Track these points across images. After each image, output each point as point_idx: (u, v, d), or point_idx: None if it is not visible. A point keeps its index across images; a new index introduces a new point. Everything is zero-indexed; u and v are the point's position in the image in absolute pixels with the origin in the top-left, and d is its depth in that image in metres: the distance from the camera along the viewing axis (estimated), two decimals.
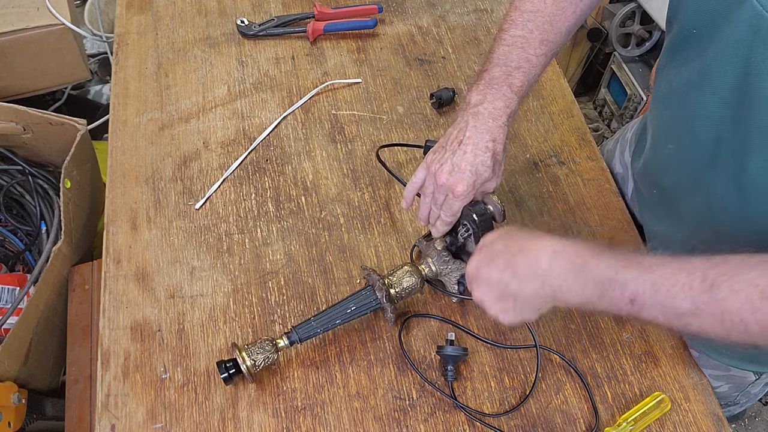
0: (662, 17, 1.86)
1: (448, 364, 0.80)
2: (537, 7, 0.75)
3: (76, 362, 1.07)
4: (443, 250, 0.82)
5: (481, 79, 0.75)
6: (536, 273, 0.61)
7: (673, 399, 0.80)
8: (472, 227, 0.77)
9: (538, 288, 0.62)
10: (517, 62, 0.74)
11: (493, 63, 0.75)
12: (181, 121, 1.06)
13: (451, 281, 0.83)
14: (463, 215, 0.77)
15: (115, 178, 1.00)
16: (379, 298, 0.80)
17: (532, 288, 0.62)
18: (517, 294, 0.63)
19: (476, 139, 0.71)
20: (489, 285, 0.65)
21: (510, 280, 0.63)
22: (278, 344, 0.78)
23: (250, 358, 0.76)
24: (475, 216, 0.75)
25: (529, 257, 0.62)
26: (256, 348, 0.77)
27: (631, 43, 2.05)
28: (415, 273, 0.82)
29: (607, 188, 0.99)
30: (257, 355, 0.77)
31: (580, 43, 2.18)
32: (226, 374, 0.76)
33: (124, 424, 0.78)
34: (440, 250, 0.82)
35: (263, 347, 0.77)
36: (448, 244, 0.82)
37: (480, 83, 0.74)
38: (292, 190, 0.99)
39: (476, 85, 0.75)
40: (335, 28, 1.17)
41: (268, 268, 0.90)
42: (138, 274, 0.90)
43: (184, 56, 1.15)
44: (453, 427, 0.78)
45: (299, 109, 1.08)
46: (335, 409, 0.79)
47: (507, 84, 0.73)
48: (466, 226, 0.78)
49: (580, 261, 0.60)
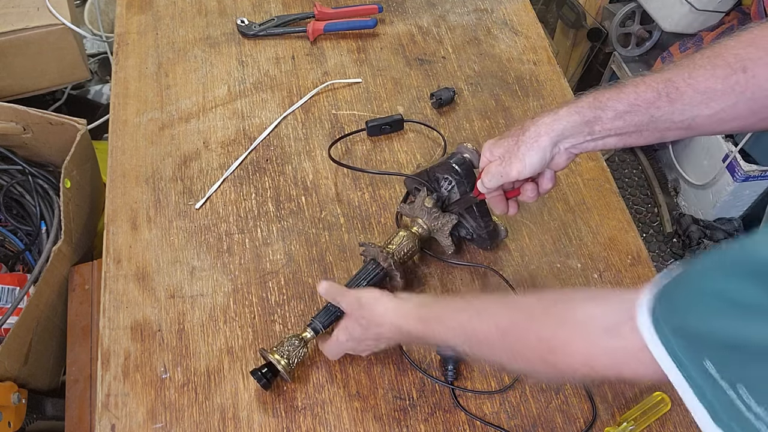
0: (662, 17, 1.87)
1: (449, 364, 0.80)
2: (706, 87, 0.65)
3: (76, 362, 1.07)
4: (433, 207, 0.85)
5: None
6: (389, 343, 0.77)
7: (673, 399, 0.80)
8: (454, 178, 0.83)
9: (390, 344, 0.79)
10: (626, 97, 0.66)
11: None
12: (181, 120, 1.06)
13: (444, 234, 0.86)
14: (444, 169, 0.83)
15: (115, 178, 1.00)
16: (385, 267, 0.82)
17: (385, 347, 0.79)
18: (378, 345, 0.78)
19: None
20: (357, 351, 0.79)
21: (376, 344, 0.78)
22: (305, 337, 0.79)
23: (284, 357, 0.77)
24: (456, 166, 0.81)
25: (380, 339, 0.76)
26: (285, 347, 0.78)
27: (631, 43, 2.05)
28: (410, 237, 0.86)
29: (607, 188, 0.99)
30: (290, 353, 0.78)
31: (580, 43, 2.18)
32: (265, 380, 0.77)
33: (124, 424, 0.78)
34: (430, 207, 0.85)
35: (292, 344, 0.78)
36: (436, 201, 0.85)
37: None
38: (292, 189, 0.99)
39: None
40: (335, 27, 1.17)
41: (269, 268, 0.90)
42: (138, 274, 0.90)
43: (185, 56, 1.15)
44: (453, 427, 0.78)
45: (299, 109, 1.08)
46: (335, 409, 0.79)
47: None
48: (448, 179, 0.84)
49: (415, 332, 0.70)
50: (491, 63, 1.15)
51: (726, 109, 0.63)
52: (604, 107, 0.66)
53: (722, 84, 0.62)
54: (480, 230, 0.86)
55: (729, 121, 0.65)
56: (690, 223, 1.89)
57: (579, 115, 0.67)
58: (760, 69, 0.61)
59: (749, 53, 0.62)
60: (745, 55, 0.62)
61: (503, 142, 0.71)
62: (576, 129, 0.67)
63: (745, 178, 1.69)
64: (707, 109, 0.64)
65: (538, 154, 0.68)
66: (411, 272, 0.90)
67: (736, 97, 0.62)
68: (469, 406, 0.80)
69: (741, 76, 0.62)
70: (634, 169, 2.16)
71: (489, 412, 0.80)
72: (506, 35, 1.20)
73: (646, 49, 2.05)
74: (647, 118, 0.65)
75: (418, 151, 1.03)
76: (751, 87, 0.62)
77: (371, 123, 1.03)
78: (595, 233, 0.94)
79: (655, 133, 0.67)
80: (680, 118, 0.65)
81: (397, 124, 1.04)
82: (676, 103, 0.64)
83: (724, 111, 0.64)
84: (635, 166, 2.16)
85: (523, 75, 1.14)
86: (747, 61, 0.61)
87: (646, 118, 0.65)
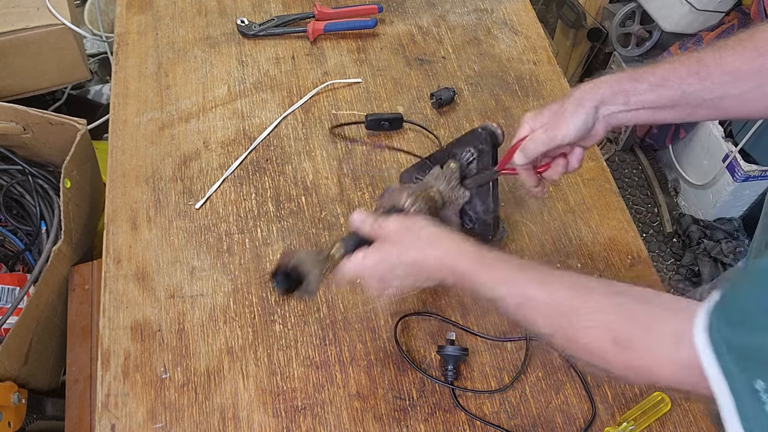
0: (662, 17, 1.87)
1: (449, 364, 0.80)
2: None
3: (76, 362, 1.07)
4: (455, 173, 0.82)
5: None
6: (418, 281, 0.70)
7: (673, 399, 0.80)
8: (479, 148, 0.81)
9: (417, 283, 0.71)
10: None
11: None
12: (181, 120, 1.06)
13: (456, 208, 0.84)
14: (466, 142, 0.82)
15: (115, 177, 1.00)
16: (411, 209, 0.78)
17: (411, 285, 0.71)
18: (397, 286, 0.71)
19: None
20: (379, 280, 0.71)
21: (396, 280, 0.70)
22: (333, 254, 0.71)
23: (315, 267, 0.69)
24: (483, 132, 0.80)
25: (413, 271, 0.69)
26: (314, 258, 0.70)
27: (631, 43, 2.05)
28: (428, 199, 0.81)
29: (607, 188, 0.99)
30: (317, 264, 0.70)
31: (580, 43, 2.18)
32: (286, 286, 0.68)
33: (124, 424, 0.78)
34: (454, 170, 0.82)
35: (320, 255, 0.71)
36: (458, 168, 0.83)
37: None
38: (292, 189, 0.99)
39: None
40: (335, 27, 1.17)
41: (269, 268, 0.90)
42: (138, 274, 0.90)
43: (184, 56, 1.15)
44: (453, 427, 0.78)
45: (299, 109, 1.08)
46: (335, 409, 0.79)
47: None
48: (470, 150, 0.82)
49: (469, 276, 0.66)
50: (491, 63, 1.15)
51: (753, 90, 0.66)
52: (640, 79, 0.68)
53: (749, 65, 0.65)
54: (487, 215, 0.84)
55: (755, 101, 0.67)
56: (690, 223, 1.90)
57: (618, 84, 0.69)
58: None
59: None
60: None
61: (545, 110, 0.73)
62: (614, 97, 0.69)
63: (745, 178, 1.69)
64: (734, 89, 0.66)
65: (582, 116, 0.70)
66: None
67: (761, 78, 0.65)
68: (469, 406, 0.80)
69: (767, 59, 0.64)
70: (634, 169, 2.16)
71: (489, 412, 0.80)
72: (506, 35, 1.20)
73: (646, 49, 2.05)
74: (679, 93, 0.68)
75: (418, 152, 1.03)
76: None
77: (371, 117, 1.03)
78: (595, 233, 0.95)
79: (687, 109, 0.69)
80: (710, 96, 0.67)
81: (397, 123, 1.04)
82: (706, 81, 0.67)
83: (750, 92, 0.66)
84: (635, 166, 2.16)
85: (523, 75, 1.14)
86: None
87: (678, 93, 0.68)
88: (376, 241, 0.71)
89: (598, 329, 0.55)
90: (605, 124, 0.72)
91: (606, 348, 0.55)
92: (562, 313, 0.58)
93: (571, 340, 0.58)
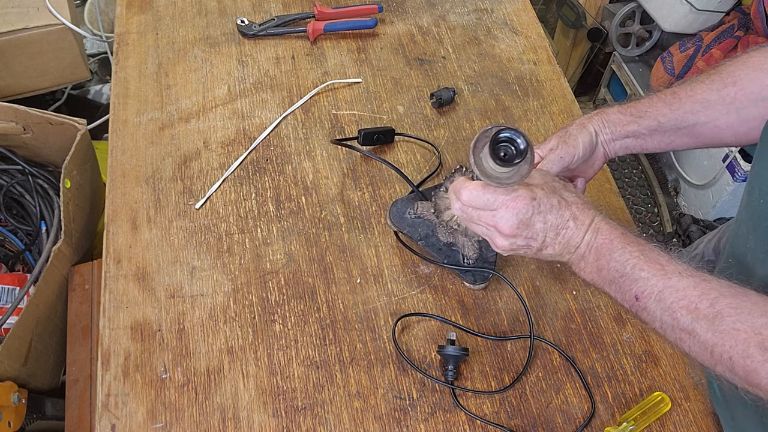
0: (662, 17, 1.87)
1: (449, 364, 0.80)
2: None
3: (76, 362, 1.07)
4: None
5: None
6: (569, 246, 0.67)
7: (674, 399, 0.80)
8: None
9: (563, 255, 0.68)
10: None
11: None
12: (181, 120, 1.06)
13: (470, 240, 0.85)
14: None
15: (115, 177, 1.00)
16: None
17: (557, 252, 0.68)
18: (540, 249, 0.68)
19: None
20: (524, 227, 0.66)
21: (544, 239, 0.67)
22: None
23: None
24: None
25: (569, 229, 0.66)
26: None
27: (631, 43, 2.05)
28: None
29: (607, 188, 0.99)
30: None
31: (580, 43, 2.18)
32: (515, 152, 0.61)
33: (124, 424, 0.78)
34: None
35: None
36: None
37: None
38: (292, 189, 0.99)
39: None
40: (335, 27, 1.17)
41: (269, 268, 0.90)
42: (138, 273, 0.90)
43: (185, 56, 1.15)
44: (453, 427, 0.78)
45: (299, 109, 1.08)
46: (335, 409, 0.79)
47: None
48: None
49: (607, 245, 0.65)
50: (491, 63, 1.15)
51: (720, 118, 0.75)
52: (624, 112, 0.79)
53: (716, 95, 0.74)
54: (489, 251, 0.86)
55: (725, 128, 0.75)
56: (690, 223, 1.89)
57: (606, 116, 0.80)
58: (747, 83, 0.73)
59: (740, 70, 0.74)
60: (737, 72, 0.74)
61: (549, 139, 0.79)
62: (604, 127, 0.79)
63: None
64: (704, 117, 0.75)
65: (588, 135, 0.78)
66: (411, 272, 0.90)
67: (727, 107, 0.74)
68: (469, 406, 0.80)
69: (731, 89, 0.74)
70: (634, 169, 2.16)
71: (489, 412, 0.80)
72: (506, 35, 1.20)
73: (646, 49, 2.05)
74: (656, 123, 0.77)
75: (418, 152, 1.03)
76: (740, 98, 0.73)
77: (364, 131, 0.99)
78: None
79: (667, 137, 0.78)
80: (684, 124, 0.76)
81: (389, 135, 1.02)
82: (678, 111, 0.76)
83: (718, 119, 0.75)
84: (635, 166, 2.16)
85: (523, 75, 1.14)
86: (737, 77, 0.74)
87: (655, 123, 0.77)
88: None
89: (745, 332, 0.53)
90: (603, 152, 0.80)
91: (750, 353, 0.53)
92: (707, 316, 0.56)
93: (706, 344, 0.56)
